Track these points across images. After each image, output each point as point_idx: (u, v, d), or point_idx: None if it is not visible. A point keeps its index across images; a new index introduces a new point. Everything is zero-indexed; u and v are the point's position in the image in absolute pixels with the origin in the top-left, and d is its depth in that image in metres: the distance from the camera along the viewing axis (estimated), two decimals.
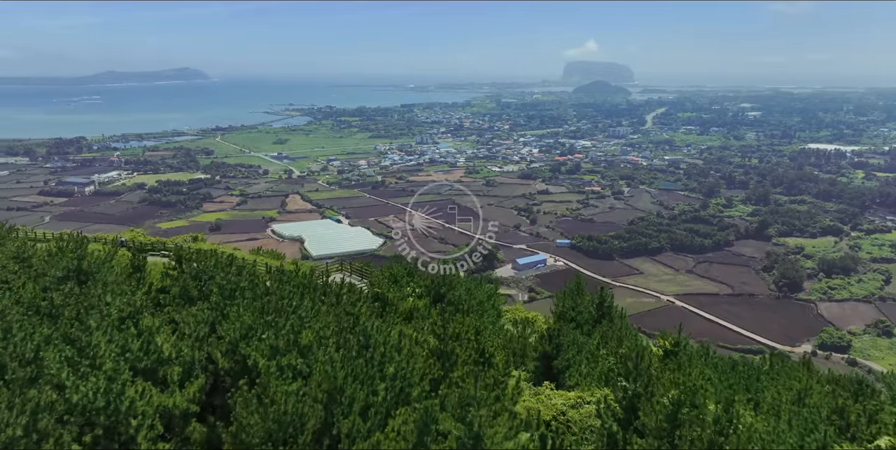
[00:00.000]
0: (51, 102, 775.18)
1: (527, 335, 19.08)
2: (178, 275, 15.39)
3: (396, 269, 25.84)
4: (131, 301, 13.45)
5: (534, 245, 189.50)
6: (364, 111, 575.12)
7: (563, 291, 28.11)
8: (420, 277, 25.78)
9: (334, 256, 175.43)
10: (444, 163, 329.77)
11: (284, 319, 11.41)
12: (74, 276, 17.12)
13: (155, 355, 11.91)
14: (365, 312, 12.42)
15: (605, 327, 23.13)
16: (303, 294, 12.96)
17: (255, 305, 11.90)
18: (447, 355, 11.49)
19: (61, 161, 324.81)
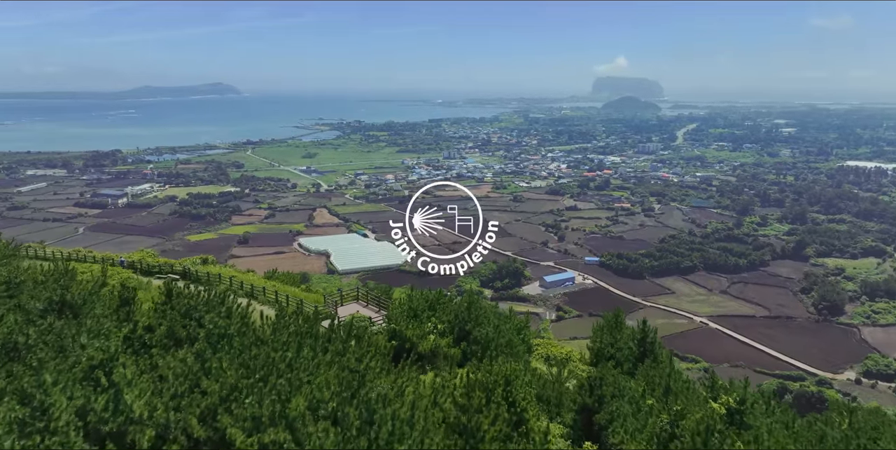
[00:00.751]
0: (90, 116, 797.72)
1: (563, 380, 16.78)
2: (167, 311, 13.52)
3: (417, 302, 23.53)
4: (105, 347, 11.49)
5: (562, 262, 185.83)
6: (392, 126, 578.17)
7: (600, 325, 25.62)
8: (443, 311, 23.38)
9: (360, 270, 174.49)
10: (471, 178, 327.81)
11: (275, 378, 9.36)
12: (57, 308, 15.38)
13: (123, 415, 9.83)
14: (374, 368, 10.34)
15: (649, 368, 20.58)
16: (301, 343, 10.93)
17: (242, 359, 9.92)
18: (472, 430, 9.35)
19: (97, 173, 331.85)
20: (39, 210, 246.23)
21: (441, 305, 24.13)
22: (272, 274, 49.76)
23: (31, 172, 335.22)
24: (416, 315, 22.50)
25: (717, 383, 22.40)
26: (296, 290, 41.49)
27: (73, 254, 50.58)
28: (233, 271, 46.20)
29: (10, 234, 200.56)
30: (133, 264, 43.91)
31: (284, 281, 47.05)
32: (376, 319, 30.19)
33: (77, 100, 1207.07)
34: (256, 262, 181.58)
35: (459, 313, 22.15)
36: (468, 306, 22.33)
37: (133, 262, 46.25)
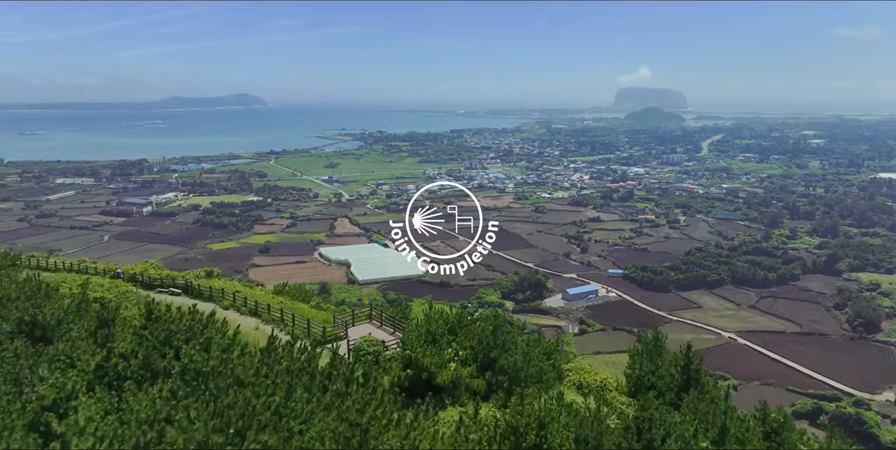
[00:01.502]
0: (120, 126, 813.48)
1: (602, 417, 14.52)
2: (146, 336, 11.62)
3: (436, 324, 21.19)
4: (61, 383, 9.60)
5: (584, 274, 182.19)
6: (414, 136, 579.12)
7: (637, 350, 23.21)
8: (465, 336, 20.94)
9: (380, 281, 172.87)
10: (492, 188, 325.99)
11: (254, 433, 7.37)
12: (27, 330, 13.57)
13: None
14: (380, 418, 8.27)
15: (697, 400, 18.15)
16: (293, 383, 8.93)
17: (217, 405, 7.96)
18: None
19: (123, 182, 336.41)
20: (66, 218, 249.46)
21: (463, 329, 21.63)
22: (282, 288, 46.76)
23: (60, 180, 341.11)
24: (435, 340, 19.88)
25: (770, 416, 19.93)
26: (305, 307, 38.45)
27: (76, 264, 48.62)
28: (237, 286, 43.24)
29: (36, 241, 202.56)
30: (134, 277, 42.46)
31: (295, 296, 44.56)
32: (390, 342, 27.52)
33: (108, 110, 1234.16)
34: (277, 271, 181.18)
35: (484, 338, 19.44)
36: (494, 330, 19.64)
37: (134, 274, 44.31)
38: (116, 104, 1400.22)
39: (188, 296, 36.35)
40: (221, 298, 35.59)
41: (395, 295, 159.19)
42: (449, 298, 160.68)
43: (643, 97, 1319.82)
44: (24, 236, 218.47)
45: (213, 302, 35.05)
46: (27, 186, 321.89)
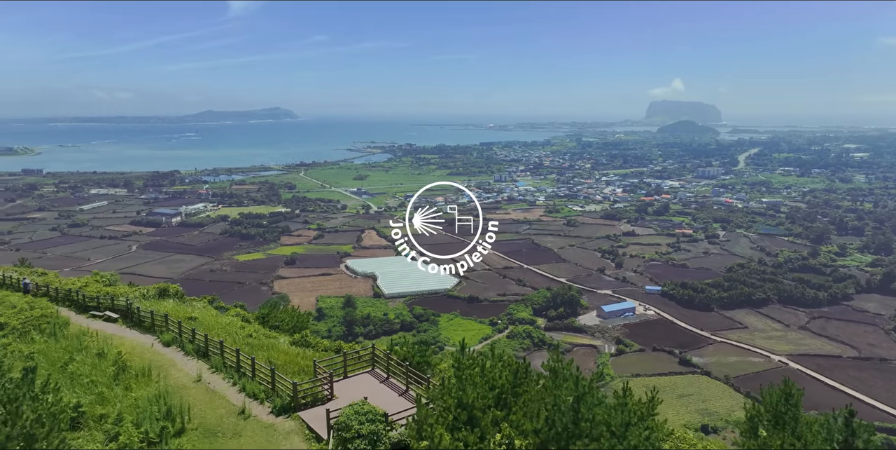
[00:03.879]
0: (155, 139, 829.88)
1: None
2: None
3: (476, 391, 13.17)
4: None
5: (620, 291, 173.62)
6: (443, 149, 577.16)
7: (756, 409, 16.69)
8: (523, 410, 13.39)
9: (407, 294, 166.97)
10: (522, 201, 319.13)
11: None
12: None
13: None
14: None
15: None
16: None
17: None
18: None
19: (155, 193, 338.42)
20: (97, 228, 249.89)
21: (520, 396, 13.99)
22: (267, 312, 35.27)
23: (94, 190, 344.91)
24: (474, 419, 12.17)
25: None
26: (283, 343, 27.30)
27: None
28: (197, 310, 31.66)
29: (66, 250, 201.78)
30: (28, 287, 35.08)
31: (281, 322, 33.73)
32: (399, 414, 19.28)
33: (144, 124, 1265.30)
34: (302, 283, 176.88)
35: (557, 418, 11.69)
36: (576, 403, 11.55)
37: (29, 283, 36.17)
38: (152, 118, 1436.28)
39: (125, 323, 28.86)
40: (164, 330, 26.94)
41: (422, 310, 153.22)
42: (478, 314, 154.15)
43: (675, 110, 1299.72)
44: (54, 246, 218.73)
45: (154, 333, 27.27)
46: (63, 197, 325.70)
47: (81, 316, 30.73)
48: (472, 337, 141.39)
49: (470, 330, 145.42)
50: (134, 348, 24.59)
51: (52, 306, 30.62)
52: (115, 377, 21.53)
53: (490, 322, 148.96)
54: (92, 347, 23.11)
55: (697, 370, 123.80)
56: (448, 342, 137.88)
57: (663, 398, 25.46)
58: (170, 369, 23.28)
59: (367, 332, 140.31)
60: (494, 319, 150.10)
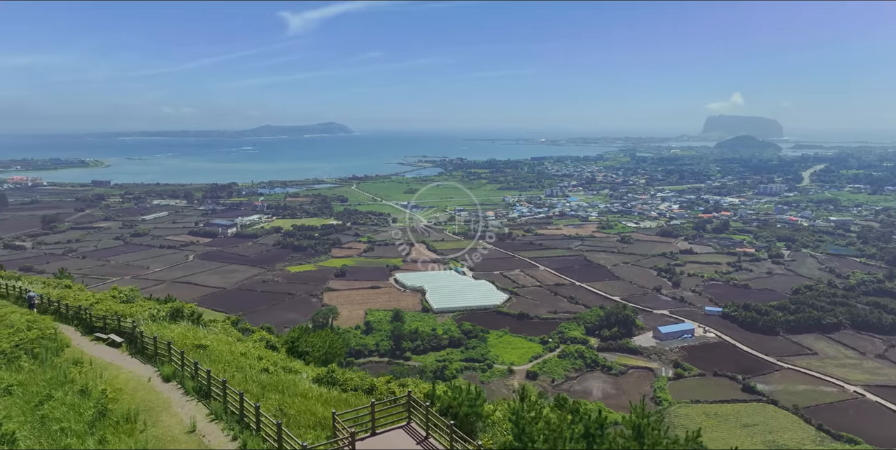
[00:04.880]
0: (215, 152, 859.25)
1: None
2: None
3: None
4: None
5: (678, 311, 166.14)
6: (494, 163, 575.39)
7: None
8: None
9: (455, 310, 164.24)
10: (574, 216, 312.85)
11: None
12: None
13: None
14: None
15: None
16: None
17: None
18: None
19: (213, 204, 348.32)
20: (158, 237, 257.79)
21: None
22: (297, 336, 30.81)
23: (156, 201, 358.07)
24: None
25: None
26: (306, 379, 22.60)
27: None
28: (210, 336, 26.78)
29: (128, 259, 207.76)
30: (32, 301, 32.13)
31: (312, 348, 28.99)
32: None
33: (206, 138, 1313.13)
34: (351, 296, 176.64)
35: None
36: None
37: (34, 296, 32.86)
38: (213, 132, 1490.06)
39: (128, 349, 25.33)
40: (167, 360, 23.06)
41: (471, 326, 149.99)
42: (528, 332, 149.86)
43: (734, 125, 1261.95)
44: (117, 254, 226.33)
45: (155, 364, 23.47)
46: (127, 207, 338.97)
47: (85, 338, 27.69)
48: (521, 356, 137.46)
49: (519, 348, 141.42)
50: (128, 382, 20.97)
51: (52, 326, 27.43)
52: (93, 424, 18.21)
53: (541, 340, 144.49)
54: (78, 380, 19.98)
55: (763, 398, 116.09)
56: (497, 360, 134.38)
57: (725, 428, 21.63)
58: (161, 413, 19.58)
59: (415, 347, 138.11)
60: (545, 337, 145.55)
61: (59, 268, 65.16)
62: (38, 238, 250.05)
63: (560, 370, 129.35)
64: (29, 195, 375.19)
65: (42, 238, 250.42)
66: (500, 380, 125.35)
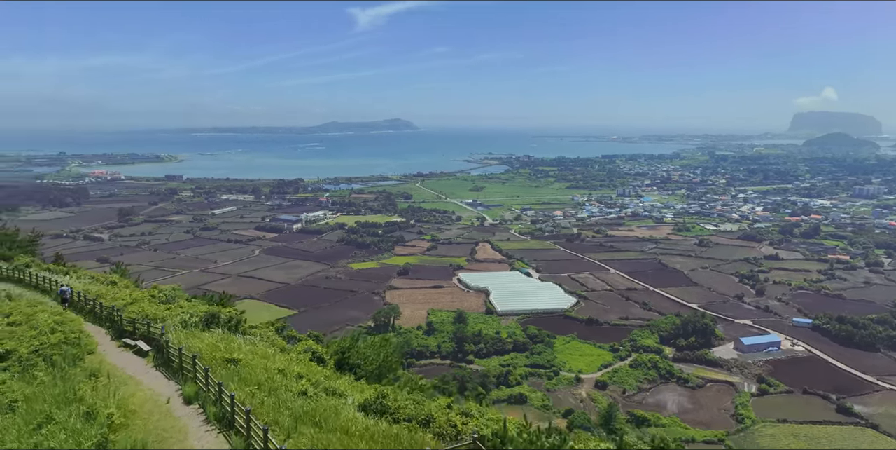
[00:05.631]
0: (283, 148, 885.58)
1: None
2: None
3: None
4: None
5: (762, 322, 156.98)
6: (563, 161, 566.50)
7: None
8: None
9: (520, 312, 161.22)
10: (648, 217, 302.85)
11: None
12: None
13: None
14: None
15: None
16: None
17: None
18: None
19: (279, 200, 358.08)
20: (226, 231, 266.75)
21: None
22: (348, 345, 27.27)
23: (225, 196, 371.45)
24: None
25: None
26: (351, 405, 18.33)
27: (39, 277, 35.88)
28: (246, 347, 22.75)
29: (197, 252, 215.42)
30: (66, 296, 29.61)
31: (364, 361, 25.72)
32: None
33: (274, 134, 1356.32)
34: (414, 295, 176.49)
35: None
36: None
37: (68, 290, 30.20)
38: (281, 128, 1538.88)
39: (155, 360, 22.33)
40: (192, 377, 19.57)
41: (537, 330, 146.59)
42: (597, 339, 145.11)
43: (825, 122, 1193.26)
44: (187, 247, 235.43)
45: (179, 380, 20.23)
46: (198, 201, 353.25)
47: (113, 344, 25.05)
48: (590, 363, 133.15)
49: (588, 355, 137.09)
50: (144, 403, 18.02)
51: (79, 329, 24.92)
52: None
53: (611, 348, 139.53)
54: (88, 399, 16.64)
55: (861, 421, 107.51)
56: (564, 367, 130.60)
57: None
58: (174, 446, 16.40)
59: (478, 350, 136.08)
60: (616, 344, 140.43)
61: (120, 262, 66.53)
62: (114, 230, 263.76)
63: (632, 381, 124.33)
64: (108, 189, 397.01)
65: (118, 230, 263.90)
66: (567, 388, 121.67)
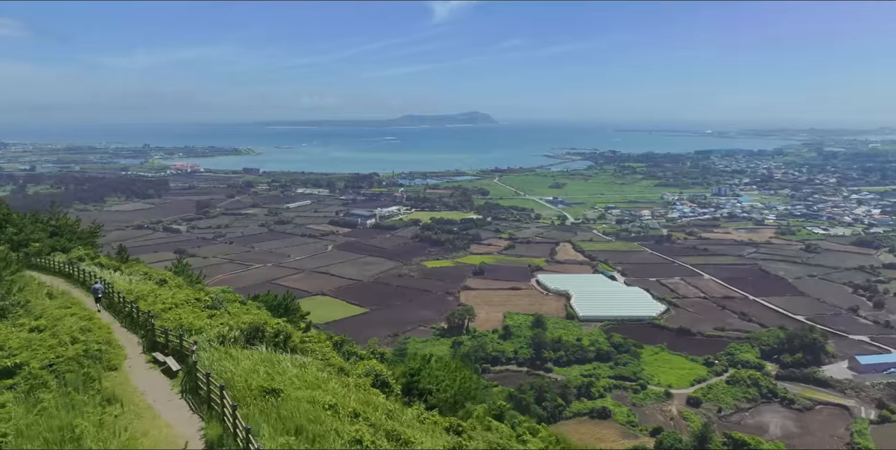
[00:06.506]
0: (357, 142, 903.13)
1: None
2: None
3: None
4: None
5: (882, 339, 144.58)
6: (651, 157, 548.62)
7: None
8: None
9: (604, 319, 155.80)
10: (747, 219, 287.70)
11: None
12: None
13: None
14: None
15: None
16: None
17: None
18: None
19: (353, 194, 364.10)
20: (300, 225, 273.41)
21: None
22: (417, 368, 24.07)
23: (300, 190, 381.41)
24: None
25: None
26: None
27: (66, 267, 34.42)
28: (295, 369, 18.55)
29: (270, 246, 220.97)
30: (99, 293, 26.92)
31: (438, 386, 22.58)
32: None
33: (349, 127, 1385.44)
34: (489, 296, 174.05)
35: None
36: None
37: (101, 286, 27.42)
38: (355, 121, 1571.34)
39: (182, 384, 18.60)
40: (218, 414, 15.53)
41: (622, 339, 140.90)
42: (689, 351, 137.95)
43: None
44: (261, 241, 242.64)
45: (205, 414, 16.33)
46: (273, 194, 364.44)
47: (143, 358, 21.54)
48: (681, 377, 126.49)
49: (679, 368, 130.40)
50: (155, 445, 14.92)
51: (106, 338, 21.93)
52: None
53: (705, 362, 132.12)
54: (87, 438, 13.49)
55: None
56: (652, 380, 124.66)
57: None
58: None
59: (558, 358, 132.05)
60: (710, 358, 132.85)
61: (183, 256, 67.27)
62: (192, 222, 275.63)
63: (729, 399, 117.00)
64: (187, 181, 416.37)
65: (196, 223, 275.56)
66: (655, 404, 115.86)
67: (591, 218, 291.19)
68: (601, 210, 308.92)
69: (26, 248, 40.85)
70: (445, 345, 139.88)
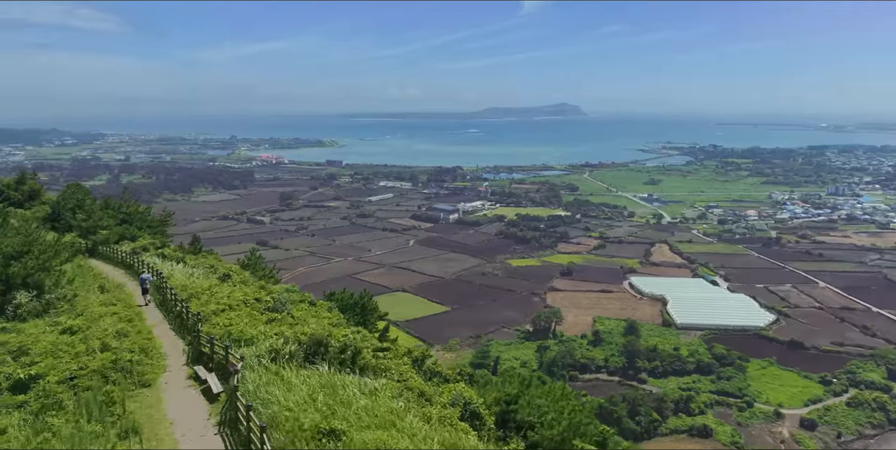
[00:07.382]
0: (441, 134, 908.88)
1: None
2: None
3: None
4: None
5: None
6: (757, 152, 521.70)
7: None
8: None
9: (704, 327, 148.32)
10: (869, 222, 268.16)
11: None
12: None
13: None
14: None
15: None
16: None
17: None
18: None
19: (436, 188, 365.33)
20: (382, 219, 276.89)
21: None
22: (513, 396, 19.64)
23: (383, 183, 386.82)
24: None
25: None
26: None
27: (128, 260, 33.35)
28: (357, 404, 14.02)
29: (352, 240, 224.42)
30: (146, 284, 25.68)
31: (550, 436, 18.50)
32: None
33: (433, 119, 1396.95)
34: (578, 298, 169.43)
35: None
36: None
37: (148, 278, 26.42)
38: (439, 113, 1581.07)
39: (221, 411, 15.49)
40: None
41: (725, 350, 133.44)
42: (802, 366, 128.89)
43: None
44: (343, 234, 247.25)
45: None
46: (356, 187, 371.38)
47: (184, 371, 18.71)
48: (793, 396, 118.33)
49: (790, 386, 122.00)
50: None
51: (144, 344, 19.44)
52: None
53: (821, 380, 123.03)
54: None
55: None
56: (759, 398, 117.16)
57: None
58: None
59: (653, 369, 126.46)
60: (827, 375, 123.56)
61: (256, 248, 67.21)
62: (275, 214, 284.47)
63: (850, 423, 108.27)
64: (272, 173, 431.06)
65: (279, 214, 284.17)
66: (763, 424, 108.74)
67: (689, 217, 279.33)
68: (701, 209, 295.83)
69: (94, 235, 41.20)
70: (530, 349, 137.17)
